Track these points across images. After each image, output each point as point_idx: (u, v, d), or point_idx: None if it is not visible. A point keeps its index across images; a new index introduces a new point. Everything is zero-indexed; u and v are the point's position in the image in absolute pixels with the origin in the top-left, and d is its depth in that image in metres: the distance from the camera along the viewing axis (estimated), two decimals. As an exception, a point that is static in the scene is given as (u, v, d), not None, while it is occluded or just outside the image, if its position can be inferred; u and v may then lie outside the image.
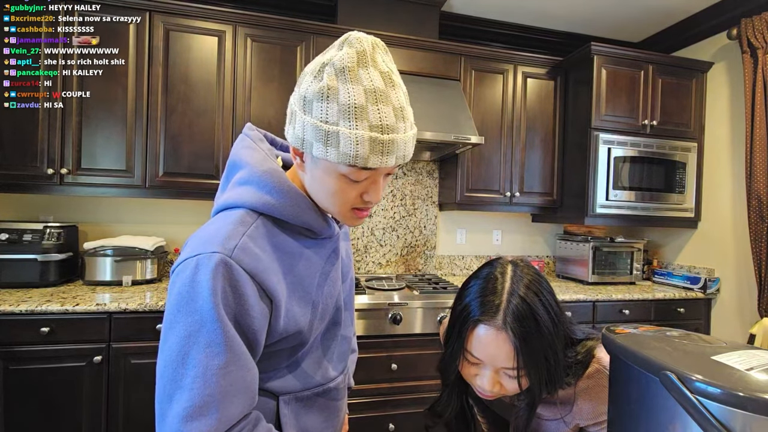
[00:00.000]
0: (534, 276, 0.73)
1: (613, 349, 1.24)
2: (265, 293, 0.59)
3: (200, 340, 0.54)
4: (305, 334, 0.66)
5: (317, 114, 0.57)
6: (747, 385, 0.88)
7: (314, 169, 0.62)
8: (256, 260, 0.58)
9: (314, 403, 0.71)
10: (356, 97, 0.55)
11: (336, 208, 0.64)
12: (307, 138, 0.59)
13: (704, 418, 0.89)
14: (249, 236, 0.60)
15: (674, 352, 1.11)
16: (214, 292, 0.54)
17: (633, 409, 1.19)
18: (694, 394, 0.91)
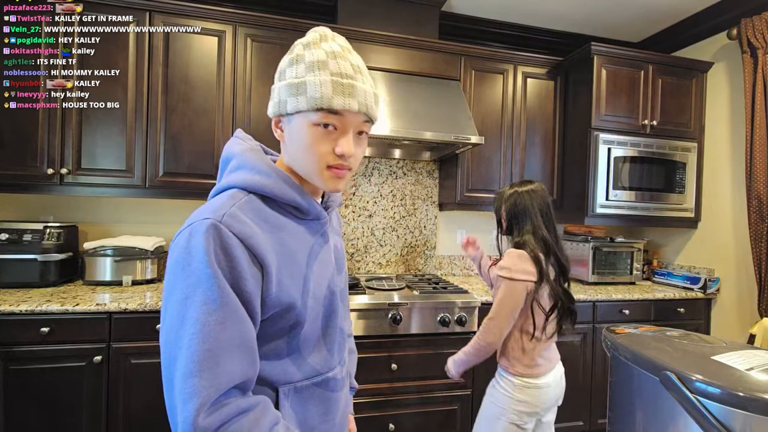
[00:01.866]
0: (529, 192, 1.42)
1: (613, 349, 1.24)
2: (255, 258, 0.61)
3: (197, 299, 0.56)
4: (299, 311, 0.67)
5: (289, 75, 0.67)
6: (747, 385, 0.89)
7: (291, 130, 0.68)
8: (245, 226, 0.61)
9: (313, 394, 0.72)
10: (318, 55, 0.65)
11: (314, 165, 0.68)
12: (282, 98, 0.67)
13: (704, 418, 0.89)
14: (238, 207, 0.63)
15: (674, 352, 1.11)
16: (208, 252, 0.57)
17: (633, 409, 1.19)
18: (694, 394, 0.91)
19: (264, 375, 0.67)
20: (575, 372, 2.24)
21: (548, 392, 1.36)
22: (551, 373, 1.39)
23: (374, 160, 2.64)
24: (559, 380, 1.43)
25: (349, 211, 2.60)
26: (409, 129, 2.05)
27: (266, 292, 0.62)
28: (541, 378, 1.35)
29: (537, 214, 1.38)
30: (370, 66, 2.26)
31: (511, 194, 1.44)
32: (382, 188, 2.65)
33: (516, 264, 1.32)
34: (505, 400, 1.36)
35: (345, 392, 0.82)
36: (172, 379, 0.56)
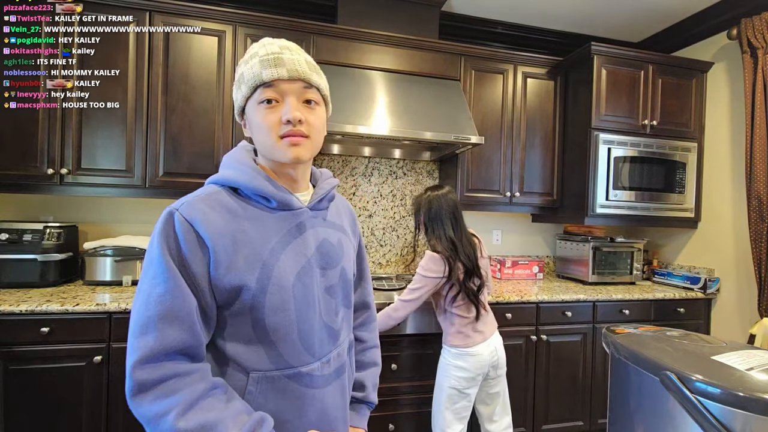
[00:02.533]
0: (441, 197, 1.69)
1: (613, 349, 1.24)
2: (202, 240, 0.68)
3: (149, 273, 0.67)
4: (255, 294, 0.71)
5: (236, 77, 0.77)
6: (747, 385, 0.89)
7: (249, 118, 0.77)
8: (198, 213, 0.69)
9: (285, 387, 0.74)
10: (250, 52, 0.76)
11: (269, 139, 0.74)
12: (235, 96, 0.78)
13: (704, 418, 0.89)
14: (200, 199, 0.72)
15: (674, 352, 1.12)
16: (161, 235, 0.67)
17: (633, 409, 1.19)
18: (694, 394, 0.91)
19: (236, 358, 0.71)
20: (575, 372, 2.24)
21: (481, 359, 1.62)
22: (484, 343, 1.64)
23: (374, 160, 2.64)
24: (494, 350, 1.66)
25: (349, 211, 2.60)
26: (408, 129, 2.05)
27: (215, 271, 0.69)
28: (473, 347, 1.62)
29: (447, 218, 1.65)
30: (370, 66, 2.26)
31: (427, 200, 1.69)
32: (382, 188, 2.65)
33: (429, 264, 1.61)
34: (447, 367, 1.66)
35: (332, 393, 0.80)
36: (129, 334, 0.66)
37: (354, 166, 2.61)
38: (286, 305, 0.73)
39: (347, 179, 2.59)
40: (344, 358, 0.85)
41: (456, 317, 1.65)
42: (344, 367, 0.85)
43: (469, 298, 1.62)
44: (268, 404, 0.72)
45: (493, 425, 1.71)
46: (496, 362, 1.67)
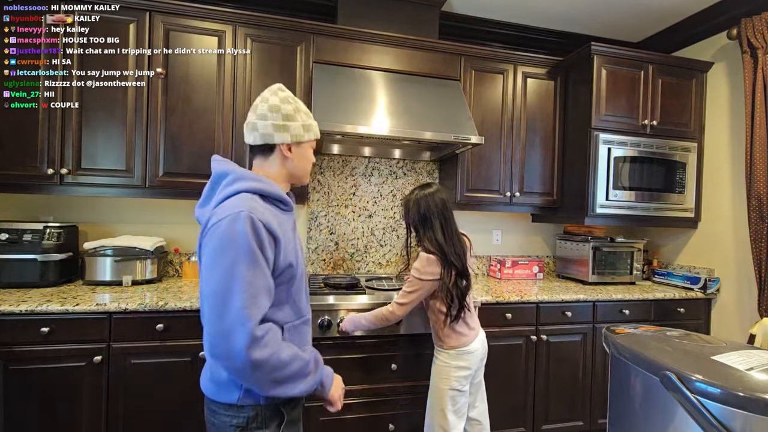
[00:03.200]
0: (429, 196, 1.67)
1: (613, 348, 1.24)
2: (271, 235, 0.94)
3: (243, 262, 0.88)
4: (295, 269, 1.03)
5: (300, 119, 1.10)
6: (747, 385, 0.89)
7: (302, 151, 1.11)
8: (263, 215, 0.94)
9: (299, 329, 1.08)
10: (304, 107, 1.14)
11: (308, 170, 1.15)
12: (298, 133, 1.08)
13: (704, 417, 0.89)
14: (255, 203, 0.96)
15: (674, 352, 1.11)
16: (247, 233, 0.89)
17: (633, 408, 1.19)
18: (694, 394, 0.91)
19: (274, 317, 0.98)
20: (575, 372, 2.24)
21: (477, 354, 1.67)
22: (477, 339, 1.68)
23: (374, 160, 2.64)
24: (483, 342, 1.73)
25: (349, 211, 2.60)
26: (408, 129, 2.05)
27: (278, 256, 0.96)
28: (470, 345, 1.65)
29: (436, 218, 1.64)
30: (369, 66, 2.26)
31: (415, 200, 1.66)
32: (382, 188, 2.65)
33: (425, 266, 1.59)
34: (446, 370, 1.64)
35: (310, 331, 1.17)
36: (223, 314, 0.86)
37: (354, 166, 2.61)
38: (302, 276, 1.09)
39: (347, 179, 2.59)
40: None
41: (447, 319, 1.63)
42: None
43: (458, 299, 1.60)
44: (294, 341, 1.02)
45: (475, 411, 1.75)
46: (484, 353, 1.72)
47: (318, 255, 2.56)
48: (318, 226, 2.55)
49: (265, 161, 1.08)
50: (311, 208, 2.54)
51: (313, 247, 2.55)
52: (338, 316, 1.87)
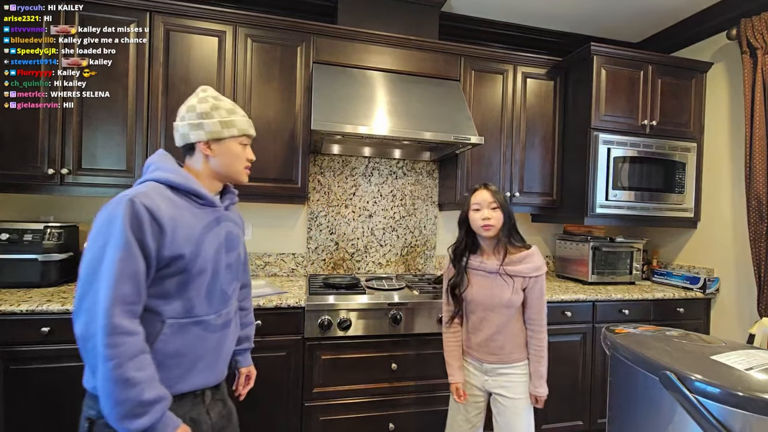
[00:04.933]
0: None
1: (613, 348, 1.25)
2: (156, 222, 0.93)
3: (112, 245, 0.88)
4: (187, 261, 0.98)
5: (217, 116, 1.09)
6: (746, 385, 0.89)
7: (225, 147, 1.10)
8: (151, 201, 0.93)
9: (190, 330, 1.01)
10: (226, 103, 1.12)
11: (240, 167, 1.14)
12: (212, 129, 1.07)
13: (704, 417, 0.89)
14: (150, 190, 0.96)
15: (674, 351, 1.12)
16: (125, 217, 0.89)
17: (633, 408, 1.20)
18: (693, 394, 0.92)
19: (156, 309, 0.96)
20: (575, 372, 2.25)
21: None
22: None
23: (374, 160, 2.64)
24: None
25: (349, 211, 2.60)
26: (408, 129, 2.06)
27: (162, 242, 0.94)
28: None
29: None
30: (369, 66, 2.26)
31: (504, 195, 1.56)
32: (382, 188, 2.65)
33: (543, 258, 1.48)
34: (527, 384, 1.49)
35: (226, 337, 1.12)
36: (88, 293, 0.87)
37: (354, 166, 2.61)
38: (204, 273, 1.02)
39: (347, 179, 2.60)
40: (231, 316, 1.14)
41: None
42: (230, 323, 1.13)
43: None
44: (177, 342, 0.98)
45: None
46: None
47: (318, 255, 2.56)
48: (318, 226, 2.55)
49: (191, 160, 1.10)
50: (311, 208, 2.55)
51: (313, 247, 2.55)
52: (338, 316, 1.88)
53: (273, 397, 1.84)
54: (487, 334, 1.47)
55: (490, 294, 1.45)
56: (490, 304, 1.45)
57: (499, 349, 1.46)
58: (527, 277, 1.43)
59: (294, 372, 1.86)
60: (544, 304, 1.47)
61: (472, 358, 1.54)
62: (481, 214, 1.45)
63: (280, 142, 2.14)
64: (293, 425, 1.86)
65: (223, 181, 1.15)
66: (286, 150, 2.16)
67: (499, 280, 1.44)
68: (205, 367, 1.05)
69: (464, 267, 1.53)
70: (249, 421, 1.82)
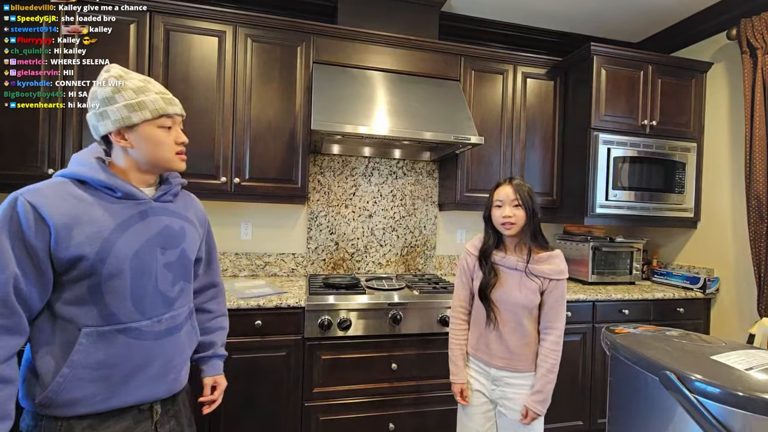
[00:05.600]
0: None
1: (613, 348, 1.24)
2: (42, 220, 0.82)
3: None
4: (93, 263, 0.86)
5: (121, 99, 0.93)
6: (746, 385, 0.89)
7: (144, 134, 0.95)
8: (41, 198, 0.83)
9: (115, 339, 0.89)
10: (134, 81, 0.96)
11: (169, 154, 0.98)
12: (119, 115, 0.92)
13: (704, 417, 0.89)
14: (46, 186, 0.86)
15: (674, 351, 1.12)
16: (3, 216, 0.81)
17: (633, 408, 1.20)
18: (693, 394, 0.92)
19: (69, 316, 0.86)
20: (575, 372, 2.25)
21: None
22: None
23: (374, 160, 2.64)
24: None
25: (349, 211, 2.60)
26: (408, 129, 2.06)
27: (56, 244, 0.83)
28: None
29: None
30: (369, 66, 2.26)
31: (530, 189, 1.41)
32: (382, 188, 2.65)
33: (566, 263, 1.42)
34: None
35: (175, 344, 0.99)
36: None
37: (354, 166, 2.61)
38: (122, 274, 0.89)
39: (347, 179, 2.60)
40: (179, 321, 1.00)
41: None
42: (179, 327, 1.00)
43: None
44: (99, 353, 0.87)
45: None
46: None
47: (318, 255, 2.56)
48: (318, 226, 2.55)
49: (113, 155, 0.97)
50: (311, 208, 2.55)
51: (313, 247, 2.55)
52: (338, 316, 1.88)
53: (273, 396, 1.84)
54: (498, 333, 1.40)
55: (508, 290, 1.38)
56: (505, 300, 1.38)
57: (508, 352, 1.39)
58: (548, 278, 1.36)
59: (294, 372, 1.86)
60: (562, 313, 1.39)
61: (478, 359, 1.46)
62: (502, 211, 1.37)
63: (280, 142, 2.14)
64: (293, 425, 1.86)
65: (155, 173, 1.01)
66: (286, 150, 2.16)
67: (522, 278, 1.37)
68: (149, 378, 0.94)
69: (492, 265, 1.42)
70: (249, 421, 1.83)
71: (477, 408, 1.46)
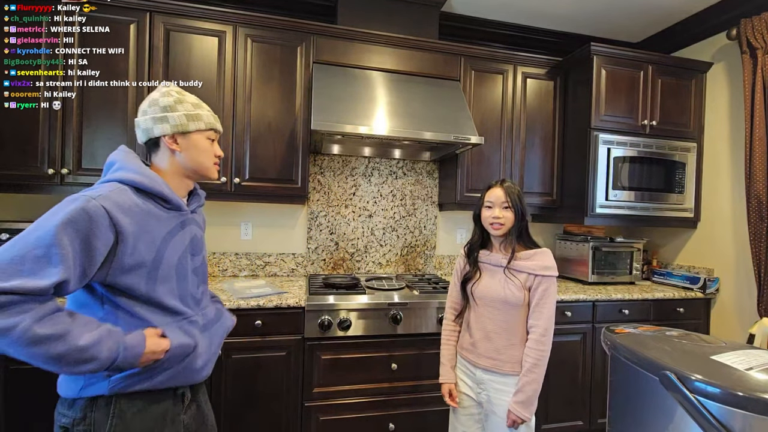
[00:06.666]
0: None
1: (613, 348, 1.24)
2: (113, 225, 0.88)
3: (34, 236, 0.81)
4: (150, 269, 0.95)
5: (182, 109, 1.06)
6: (746, 385, 0.89)
7: (192, 141, 1.07)
8: (115, 206, 0.89)
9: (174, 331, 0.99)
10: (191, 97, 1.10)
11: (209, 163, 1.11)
12: (178, 122, 1.04)
13: (704, 417, 0.89)
14: (115, 191, 0.92)
15: (674, 351, 1.12)
16: (72, 213, 0.83)
17: (633, 408, 1.20)
18: (693, 394, 0.92)
19: (148, 319, 0.95)
20: (575, 372, 2.25)
21: None
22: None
23: (374, 161, 2.64)
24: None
25: (349, 211, 2.60)
26: (408, 129, 2.06)
27: (122, 249, 0.89)
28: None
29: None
30: (369, 66, 2.26)
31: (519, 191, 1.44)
32: (382, 188, 2.65)
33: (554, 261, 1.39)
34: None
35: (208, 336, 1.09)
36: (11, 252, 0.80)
37: (354, 166, 2.61)
38: (170, 279, 0.99)
39: (347, 179, 2.60)
40: (208, 318, 1.12)
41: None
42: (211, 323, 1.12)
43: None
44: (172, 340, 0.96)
45: None
46: None
47: (318, 255, 2.56)
48: (318, 226, 2.55)
49: (156, 157, 1.07)
50: (311, 208, 2.55)
51: (313, 247, 2.55)
52: (338, 316, 1.88)
53: (273, 396, 1.84)
54: (483, 332, 1.40)
55: (490, 286, 1.40)
56: (488, 297, 1.39)
57: (495, 352, 1.37)
58: (534, 275, 1.34)
59: (294, 372, 1.86)
60: (549, 313, 1.33)
61: (465, 359, 1.46)
62: (492, 212, 1.40)
63: (280, 142, 2.14)
64: (293, 425, 1.87)
65: (193, 179, 1.12)
66: (286, 150, 2.16)
67: (503, 274, 1.39)
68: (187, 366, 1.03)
69: (476, 260, 1.48)
70: (249, 421, 1.83)
71: (464, 410, 1.46)
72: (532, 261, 1.37)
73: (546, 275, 1.35)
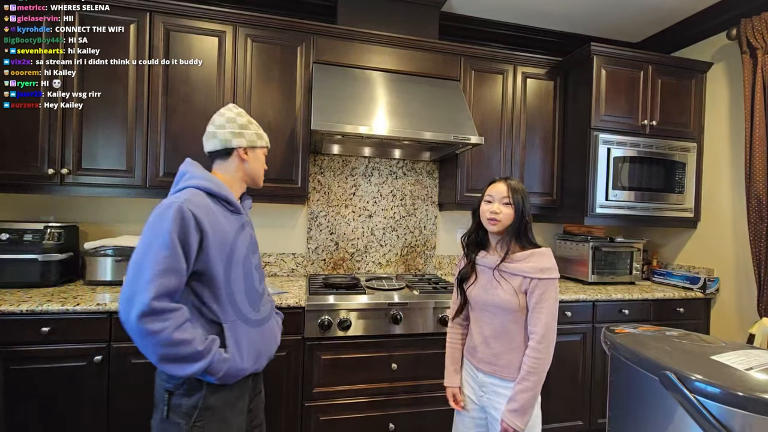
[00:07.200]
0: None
1: (613, 348, 1.24)
2: (199, 226, 1.07)
3: (158, 241, 1.01)
4: (225, 266, 1.13)
5: (253, 128, 1.32)
6: (746, 385, 0.89)
7: (255, 155, 1.31)
8: (196, 208, 1.08)
9: (239, 327, 1.16)
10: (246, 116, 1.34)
11: (262, 172, 1.35)
12: (252, 139, 1.30)
13: (704, 417, 0.89)
14: (194, 196, 1.11)
15: (674, 351, 1.12)
16: (174, 220, 1.03)
17: (633, 408, 1.20)
18: (693, 394, 0.92)
19: (211, 315, 1.11)
20: (575, 371, 2.25)
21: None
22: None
23: (374, 161, 2.64)
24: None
25: (349, 211, 2.60)
26: (408, 129, 2.06)
27: (205, 247, 1.08)
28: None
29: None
30: (369, 66, 2.26)
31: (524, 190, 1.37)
32: (382, 188, 2.65)
33: (555, 262, 1.30)
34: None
35: (266, 329, 1.27)
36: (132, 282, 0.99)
37: (354, 166, 2.61)
38: (239, 276, 1.17)
39: (347, 179, 2.60)
40: (267, 311, 1.30)
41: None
42: (269, 317, 1.31)
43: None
44: (235, 337, 1.13)
45: None
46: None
47: (318, 255, 2.56)
48: (318, 226, 2.55)
49: (224, 164, 1.27)
50: (311, 208, 2.55)
51: (313, 247, 2.55)
52: (338, 316, 1.88)
53: (273, 397, 1.84)
54: (482, 336, 1.35)
55: (485, 290, 1.33)
56: (484, 302, 1.33)
57: (494, 357, 1.31)
58: (528, 277, 1.25)
59: (294, 372, 1.86)
60: (547, 318, 1.23)
61: (468, 362, 1.42)
62: (490, 206, 1.32)
63: (280, 142, 2.14)
64: (293, 425, 1.87)
65: (248, 184, 1.33)
66: (286, 150, 2.16)
67: (495, 277, 1.31)
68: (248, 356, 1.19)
69: (473, 259, 1.41)
70: (249, 421, 1.82)
71: (467, 413, 1.41)
72: (527, 263, 1.27)
73: (543, 278, 1.24)
